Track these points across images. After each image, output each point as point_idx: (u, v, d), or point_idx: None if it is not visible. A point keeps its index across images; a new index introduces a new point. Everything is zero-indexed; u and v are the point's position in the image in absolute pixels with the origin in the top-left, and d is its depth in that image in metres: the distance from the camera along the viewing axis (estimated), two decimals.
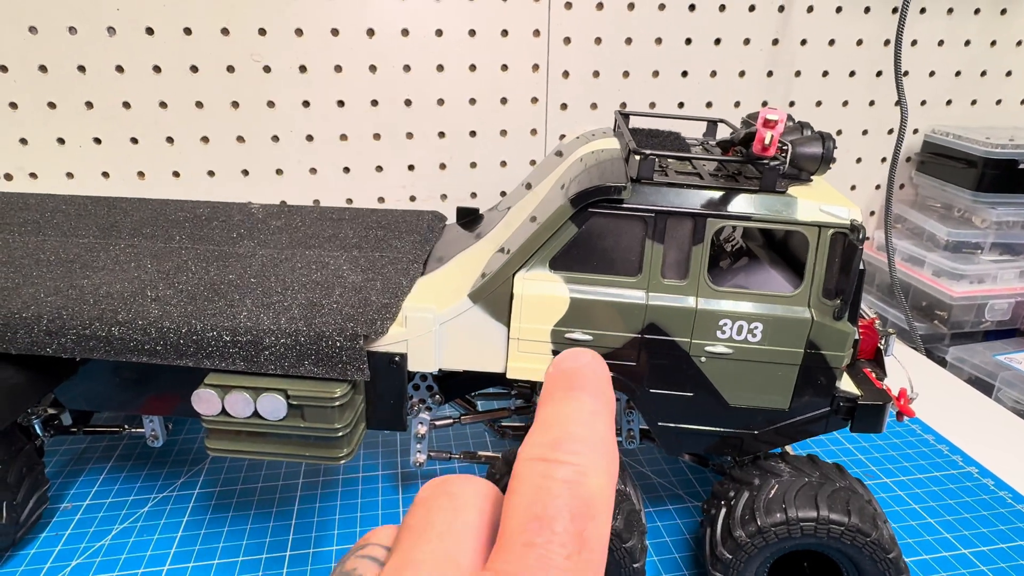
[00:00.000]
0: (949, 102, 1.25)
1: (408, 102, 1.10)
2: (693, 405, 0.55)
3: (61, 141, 1.05)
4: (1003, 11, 1.20)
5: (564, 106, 1.15)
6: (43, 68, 1.01)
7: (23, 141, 1.04)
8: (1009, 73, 1.25)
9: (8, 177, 1.06)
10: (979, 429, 0.87)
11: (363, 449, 0.80)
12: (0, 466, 0.58)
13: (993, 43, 1.22)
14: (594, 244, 0.52)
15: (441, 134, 1.14)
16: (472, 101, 1.12)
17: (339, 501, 0.72)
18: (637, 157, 0.51)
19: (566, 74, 1.13)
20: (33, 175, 1.06)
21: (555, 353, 0.55)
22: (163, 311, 0.54)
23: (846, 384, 0.56)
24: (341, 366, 0.52)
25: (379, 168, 1.14)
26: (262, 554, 0.65)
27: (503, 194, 1.18)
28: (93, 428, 0.71)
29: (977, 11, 1.19)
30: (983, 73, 1.24)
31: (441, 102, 1.11)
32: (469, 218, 0.79)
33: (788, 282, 0.56)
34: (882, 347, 0.63)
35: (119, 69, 1.02)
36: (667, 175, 0.53)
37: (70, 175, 1.07)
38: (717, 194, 0.51)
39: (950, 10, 1.18)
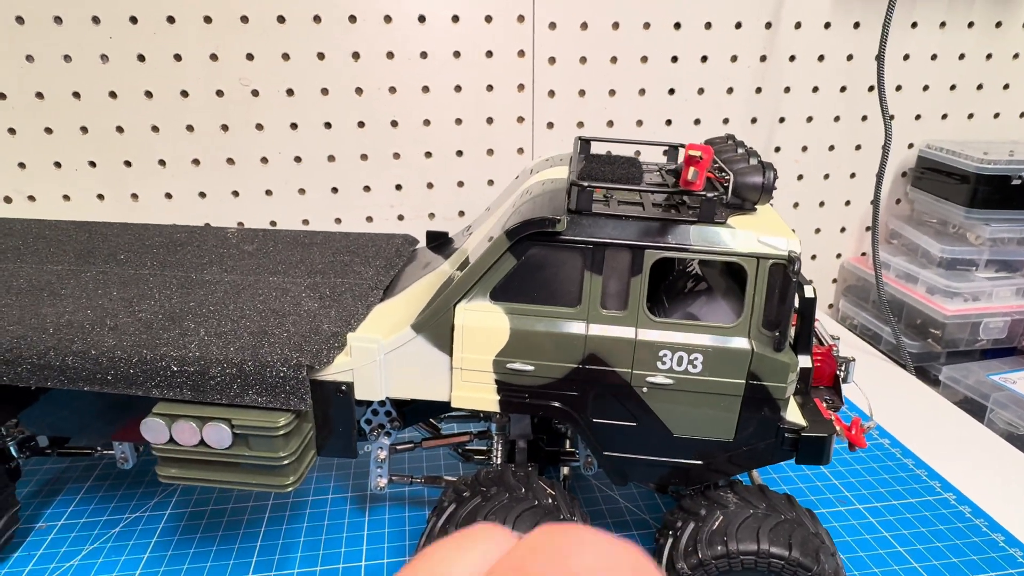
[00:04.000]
0: (945, 116, 1.24)
1: (394, 123, 1.12)
2: (637, 435, 0.55)
3: (58, 165, 1.08)
4: (998, 24, 1.18)
5: (551, 125, 1.16)
6: (40, 95, 1.04)
7: (21, 165, 1.07)
8: (1007, 86, 1.23)
9: (7, 200, 1.09)
10: (962, 454, 0.85)
11: (334, 471, 0.81)
12: None
13: (989, 56, 1.20)
14: (534, 275, 0.53)
15: (428, 154, 1.15)
16: (458, 121, 1.13)
17: (305, 523, 0.73)
18: (576, 189, 0.52)
19: (552, 93, 1.14)
20: (31, 198, 1.10)
21: (498, 383, 0.55)
22: (117, 341, 0.56)
23: (793, 415, 0.55)
24: (284, 396, 0.53)
25: (367, 188, 1.15)
26: None
27: None
28: (67, 450, 0.73)
29: (971, 24, 1.17)
30: (979, 87, 1.22)
31: (427, 122, 1.13)
32: (439, 241, 0.79)
33: (736, 312, 0.55)
34: (841, 374, 0.62)
35: (112, 95, 1.05)
36: (609, 205, 0.54)
37: (66, 197, 1.10)
38: (655, 225, 0.52)
39: (943, 24, 1.17)
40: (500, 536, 0.24)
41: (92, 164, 1.09)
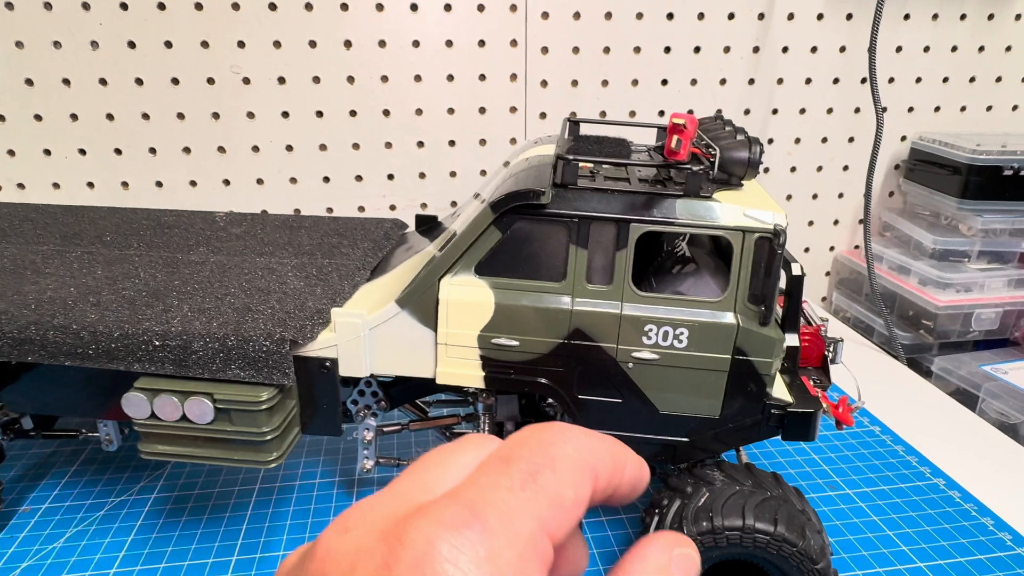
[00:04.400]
0: (937, 108, 1.24)
1: (386, 112, 1.12)
2: (623, 412, 0.55)
3: (47, 152, 1.08)
4: (990, 16, 1.18)
5: (543, 115, 1.16)
6: (29, 81, 1.03)
7: (11, 153, 1.07)
8: (999, 79, 1.23)
9: None
10: (952, 441, 0.85)
11: (322, 456, 0.81)
12: None
13: (981, 49, 1.20)
14: (519, 249, 0.52)
15: (420, 144, 1.14)
16: (450, 111, 1.13)
17: (292, 507, 0.73)
18: (561, 162, 0.51)
19: (544, 83, 1.13)
20: (21, 185, 1.09)
21: (483, 359, 0.55)
22: (100, 316, 0.55)
23: (779, 391, 0.55)
24: (267, 370, 0.53)
25: (359, 177, 1.15)
26: (209, 558, 0.66)
27: None
28: (51, 433, 0.72)
29: (963, 17, 1.17)
30: (972, 79, 1.22)
31: (419, 112, 1.12)
32: (428, 225, 0.79)
33: (723, 291, 0.55)
34: (829, 354, 0.61)
35: (103, 82, 1.04)
36: (595, 180, 0.53)
37: (56, 185, 1.10)
38: (641, 199, 0.51)
39: (935, 16, 1.17)
40: (490, 440, 0.26)
41: (82, 152, 1.08)
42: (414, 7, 1.06)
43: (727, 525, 0.51)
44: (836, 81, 1.20)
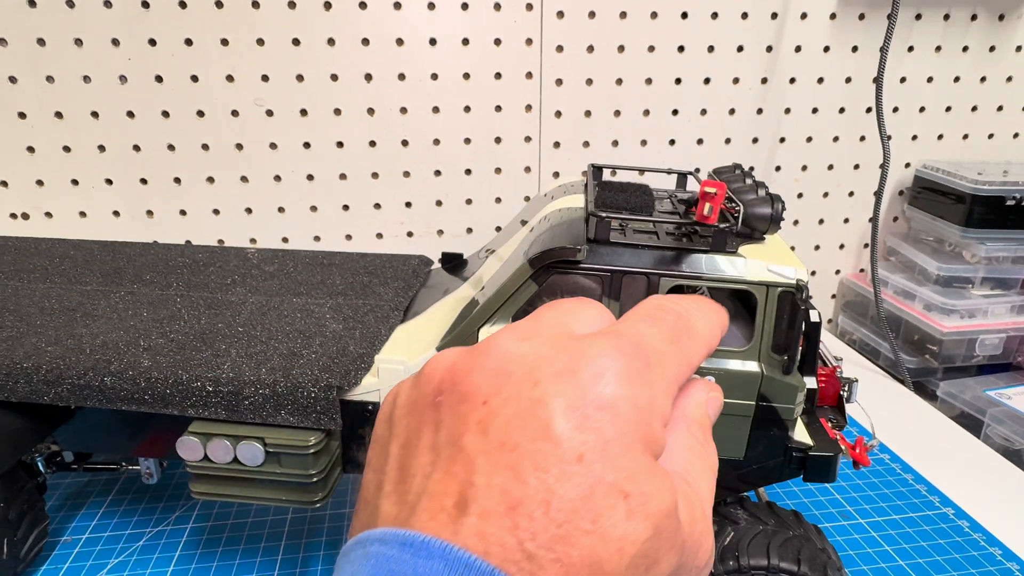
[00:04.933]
0: (940, 136, 1.27)
1: (405, 142, 1.14)
2: None
3: (75, 182, 1.10)
4: (992, 48, 1.21)
5: (557, 144, 1.19)
6: (59, 115, 1.06)
7: (39, 183, 1.10)
8: (1000, 108, 1.26)
9: (25, 216, 1.11)
10: (961, 469, 0.88)
11: (349, 487, 0.83)
12: (1, 505, 0.61)
13: (983, 79, 1.23)
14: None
15: (437, 172, 1.17)
16: (467, 141, 1.16)
17: (324, 537, 0.75)
18: (594, 219, 0.54)
19: (558, 114, 1.16)
20: (48, 214, 1.12)
21: None
22: (153, 361, 0.58)
23: (800, 434, 0.58)
24: (315, 416, 0.55)
25: (377, 205, 1.18)
26: None
27: (498, 229, 1.21)
28: (92, 465, 0.75)
29: (965, 48, 1.21)
30: (974, 108, 1.26)
31: (437, 142, 1.15)
32: (454, 263, 0.82)
33: (743, 335, 0.58)
34: (844, 394, 0.64)
35: (130, 114, 1.07)
36: (625, 234, 0.56)
37: (83, 214, 1.12)
38: (670, 254, 0.54)
39: (938, 48, 1.20)
40: (598, 304, 0.31)
41: (109, 182, 1.11)
42: (433, 41, 1.09)
43: (753, 564, 0.53)
44: (842, 111, 1.23)
